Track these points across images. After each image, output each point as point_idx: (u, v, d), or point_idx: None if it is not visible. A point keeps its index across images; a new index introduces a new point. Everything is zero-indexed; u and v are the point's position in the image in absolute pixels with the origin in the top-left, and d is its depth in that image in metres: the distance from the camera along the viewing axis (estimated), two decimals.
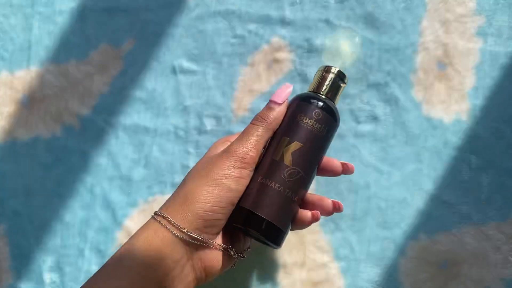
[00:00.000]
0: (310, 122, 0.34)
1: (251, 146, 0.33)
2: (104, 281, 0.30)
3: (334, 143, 0.42)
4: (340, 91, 0.37)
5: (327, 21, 0.43)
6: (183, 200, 0.32)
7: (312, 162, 0.34)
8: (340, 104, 0.42)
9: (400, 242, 0.41)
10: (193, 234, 0.31)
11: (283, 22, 0.43)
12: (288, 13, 0.43)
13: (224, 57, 0.43)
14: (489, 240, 0.41)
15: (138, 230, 0.32)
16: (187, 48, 0.43)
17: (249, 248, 0.36)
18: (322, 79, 0.36)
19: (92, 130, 0.44)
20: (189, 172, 0.34)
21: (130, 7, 0.44)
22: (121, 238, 0.43)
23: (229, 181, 0.32)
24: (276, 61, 0.43)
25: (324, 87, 0.36)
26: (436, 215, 0.41)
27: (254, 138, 0.33)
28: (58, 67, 0.44)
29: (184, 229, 0.31)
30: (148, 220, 0.33)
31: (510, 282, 0.40)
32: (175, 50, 0.44)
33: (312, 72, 0.43)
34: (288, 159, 0.33)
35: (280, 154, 0.33)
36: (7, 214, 0.44)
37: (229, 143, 0.34)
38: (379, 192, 0.42)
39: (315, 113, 0.34)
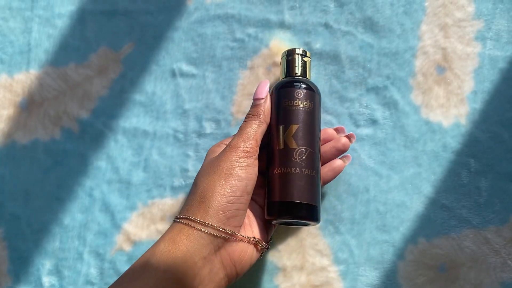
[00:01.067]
0: (296, 103, 0.36)
1: (250, 137, 0.35)
2: (131, 282, 0.30)
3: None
4: (308, 66, 0.39)
5: (327, 25, 0.43)
6: (200, 199, 0.33)
7: (313, 135, 0.36)
8: (339, 108, 0.42)
9: (399, 245, 0.41)
10: (218, 227, 0.32)
11: (283, 26, 0.43)
12: (288, 17, 0.43)
13: (224, 60, 0.43)
14: (488, 244, 0.41)
15: (164, 233, 0.33)
16: (186, 52, 0.43)
17: (271, 239, 0.38)
18: (288, 63, 0.39)
19: (91, 134, 0.44)
20: (196, 176, 0.35)
21: (129, 11, 0.44)
22: (120, 241, 0.43)
23: (237, 170, 0.33)
24: (276, 65, 0.43)
25: (294, 68, 0.38)
26: (435, 219, 0.41)
27: (252, 130, 0.35)
28: (57, 70, 0.44)
29: (208, 223, 0.32)
30: (171, 225, 0.33)
31: (509, 285, 0.40)
32: (174, 53, 0.44)
33: (312, 76, 0.43)
34: (291, 142, 0.36)
35: (283, 142, 0.36)
36: (6, 217, 0.44)
37: (225, 146, 0.36)
38: (378, 196, 0.42)
39: (296, 94, 0.36)
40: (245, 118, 0.37)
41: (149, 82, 0.44)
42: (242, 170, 0.34)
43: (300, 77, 0.38)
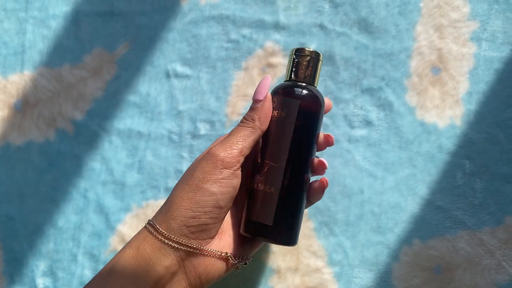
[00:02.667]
0: (273, 113, 0.33)
1: (233, 146, 0.32)
2: (100, 285, 0.30)
3: (328, 148, 0.42)
4: (303, 68, 0.34)
5: (322, 26, 0.42)
6: (168, 207, 0.32)
7: (279, 150, 0.32)
8: (334, 109, 0.42)
9: (394, 247, 0.41)
10: (180, 240, 0.31)
11: (277, 27, 0.43)
12: (282, 18, 0.43)
13: (218, 61, 0.43)
14: (483, 245, 0.41)
15: (131, 239, 0.33)
16: (181, 53, 0.43)
17: (251, 257, 0.35)
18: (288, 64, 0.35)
19: (85, 135, 0.44)
20: (180, 178, 0.34)
21: (124, 12, 0.44)
22: (114, 243, 0.43)
23: (209, 184, 0.31)
24: (270, 65, 0.43)
25: (287, 72, 0.35)
26: (430, 220, 0.41)
27: (237, 138, 0.32)
28: (52, 71, 0.44)
29: (170, 236, 0.31)
30: (140, 230, 0.33)
31: (503, 287, 0.40)
32: (169, 54, 0.43)
33: None
34: (257, 155, 0.34)
35: (259, 155, 0.34)
36: (1, 219, 0.44)
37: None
38: (373, 197, 0.42)
39: (272, 101, 0.33)
40: (241, 120, 0.34)
41: (143, 83, 0.44)
42: (215, 185, 0.31)
43: (289, 82, 0.34)
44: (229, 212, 0.35)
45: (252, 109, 0.33)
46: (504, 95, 0.41)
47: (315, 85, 0.35)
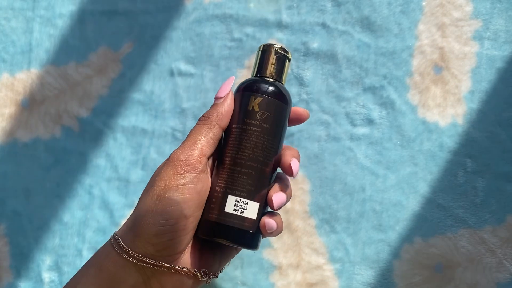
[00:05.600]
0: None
1: (193, 147, 0.30)
2: None
3: (330, 146, 0.42)
4: (284, 68, 0.33)
5: (324, 25, 0.43)
6: (132, 223, 0.29)
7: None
8: (336, 107, 0.43)
9: (395, 245, 0.41)
10: (145, 259, 0.28)
11: (280, 25, 0.43)
12: (285, 17, 0.43)
13: (221, 60, 0.44)
14: (484, 244, 0.41)
15: (94, 254, 0.30)
16: (184, 51, 0.44)
17: (221, 270, 0.33)
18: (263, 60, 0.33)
19: (91, 132, 0.44)
20: (145, 187, 0.31)
21: (128, 11, 0.44)
22: None
23: (171, 192, 0.28)
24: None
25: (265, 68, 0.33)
26: (431, 218, 0.41)
27: (197, 138, 0.30)
28: (58, 70, 0.45)
29: (134, 253, 0.28)
30: (105, 243, 0.31)
31: (504, 285, 0.40)
32: (173, 53, 0.44)
33: (309, 76, 0.43)
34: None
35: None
36: (7, 214, 0.44)
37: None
38: (374, 195, 0.42)
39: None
40: (198, 120, 0.32)
41: (148, 81, 0.44)
42: (178, 192, 0.28)
43: (264, 77, 0.33)
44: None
45: (211, 106, 0.32)
46: (506, 94, 0.41)
47: (283, 82, 0.34)
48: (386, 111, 0.42)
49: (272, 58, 0.33)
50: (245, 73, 0.43)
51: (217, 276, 0.32)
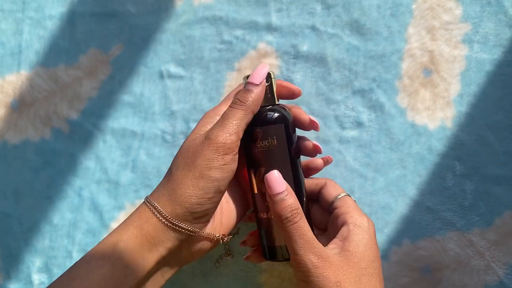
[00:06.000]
0: (259, 143, 0.34)
1: (231, 131, 0.32)
2: (99, 260, 0.31)
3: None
4: (272, 86, 0.36)
5: (313, 28, 0.43)
6: (170, 192, 0.32)
7: (283, 175, 0.34)
8: (325, 110, 0.43)
9: (383, 247, 0.41)
10: (184, 225, 0.32)
11: (270, 28, 0.43)
12: (275, 19, 0.43)
13: (211, 62, 0.44)
14: (472, 247, 0.41)
15: (132, 216, 0.33)
16: (174, 54, 0.44)
17: (236, 232, 0.38)
18: None
19: (80, 134, 0.44)
20: (173, 161, 0.34)
21: (118, 13, 0.44)
22: None
23: (213, 171, 0.32)
24: None
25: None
26: (420, 221, 0.41)
27: (234, 122, 0.33)
28: (48, 71, 0.45)
29: (173, 221, 0.32)
30: (140, 207, 0.33)
31: None
32: (162, 55, 0.44)
33: (299, 78, 0.43)
34: (262, 186, 0.34)
35: (254, 187, 0.35)
36: None
37: (217, 118, 0.34)
38: (363, 198, 0.42)
39: (257, 133, 0.34)
40: (232, 102, 0.34)
41: (137, 83, 0.44)
42: (218, 171, 0.32)
43: (263, 110, 0.35)
44: None
45: (246, 90, 0.34)
46: (495, 97, 0.41)
47: (277, 102, 0.36)
48: (375, 114, 0.42)
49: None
50: (235, 76, 0.44)
51: (229, 239, 0.36)
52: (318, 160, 0.37)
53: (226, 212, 0.36)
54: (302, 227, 0.32)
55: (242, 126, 0.33)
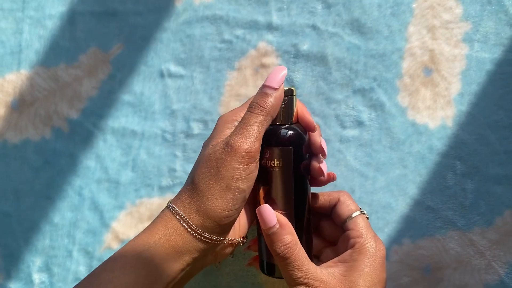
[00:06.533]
0: (266, 163, 0.34)
1: (253, 138, 0.32)
2: (123, 268, 0.31)
3: None
4: (287, 107, 0.34)
5: (314, 27, 0.43)
6: (198, 204, 0.32)
7: (285, 197, 0.34)
8: (326, 109, 0.43)
9: (385, 249, 0.41)
10: (212, 236, 0.32)
11: (270, 27, 0.43)
12: (275, 19, 0.43)
13: (212, 61, 0.44)
14: (473, 246, 0.41)
15: (157, 224, 0.33)
16: (175, 53, 0.44)
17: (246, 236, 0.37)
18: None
19: (80, 133, 0.44)
20: (195, 170, 0.33)
21: (118, 12, 0.44)
22: (108, 240, 0.43)
23: (239, 183, 0.32)
24: (263, 66, 0.43)
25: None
26: (420, 220, 0.41)
27: (256, 129, 0.32)
28: (48, 71, 0.45)
29: (202, 233, 0.32)
30: (165, 215, 0.33)
31: (493, 287, 0.40)
32: (163, 54, 0.44)
33: (299, 77, 0.43)
34: (266, 200, 0.35)
35: (258, 204, 0.35)
36: None
37: (236, 124, 0.34)
38: (364, 197, 0.42)
39: (265, 152, 0.34)
40: (251, 106, 0.33)
41: (137, 82, 0.44)
42: (244, 182, 0.32)
43: (273, 126, 0.34)
44: None
45: (265, 94, 0.32)
46: (496, 97, 0.41)
47: (293, 120, 0.35)
48: (375, 113, 0.42)
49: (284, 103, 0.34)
50: (235, 75, 0.43)
51: (246, 240, 0.36)
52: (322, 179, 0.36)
53: (243, 215, 0.36)
54: (295, 261, 0.32)
55: (262, 132, 0.33)
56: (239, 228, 0.35)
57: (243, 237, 0.35)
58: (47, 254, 0.44)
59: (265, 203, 0.34)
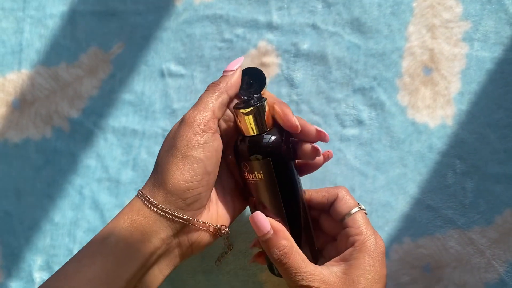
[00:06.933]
0: (247, 175, 0.34)
1: (205, 109, 0.32)
2: (89, 257, 0.31)
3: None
4: (258, 117, 0.33)
5: (314, 26, 0.43)
6: (159, 181, 0.32)
7: (273, 205, 0.34)
8: (326, 108, 0.43)
9: (384, 245, 0.41)
10: (176, 213, 0.32)
11: (270, 26, 0.43)
12: (276, 18, 0.43)
13: (212, 61, 0.44)
14: (473, 245, 0.41)
15: (123, 209, 0.33)
16: (175, 52, 0.44)
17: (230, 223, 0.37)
18: (237, 118, 0.34)
19: (81, 133, 0.44)
20: (159, 152, 0.34)
21: (119, 11, 0.44)
22: None
23: (194, 151, 0.32)
24: (263, 65, 0.43)
25: (244, 127, 0.34)
26: (420, 219, 0.42)
27: (208, 100, 0.33)
28: (49, 70, 0.45)
29: (165, 209, 0.31)
30: (132, 200, 0.33)
31: (493, 286, 0.40)
32: (163, 53, 0.44)
33: (299, 77, 0.43)
34: (258, 207, 0.35)
35: (252, 209, 0.35)
36: None
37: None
38: (364, 196, 0.42)
39: (244, 166, 0.34)
40: (207, 88, 0.34)
41: (138, 82, 0.44)
42: (200, 150, 0.32)
43: (248, 138, 0.34)
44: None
45: (221, 77, 0.35)
46: (496, 96, 0.41)
47: (270, 127, 0.34)
48: (375, 112, 0.42)
49: (242, 119, 0.33)
50: None
51: (228, 232, 0.35)
52: (320, 160, 0.37)
53: (223, 204, 0.35)
54: (292, 265, 0.32)
55: (217, 105, 0.33)
56: (217, 215, 0.35)
57: (223, 225, 0.34)
58: (48, 253, 0.44)
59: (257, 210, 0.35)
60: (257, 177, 0.33)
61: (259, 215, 0.33)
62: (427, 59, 0.42)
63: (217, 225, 0.34)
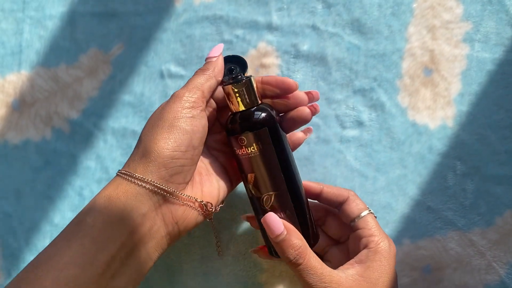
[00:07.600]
0: (244, 151, 0.34)
1: (195, 88, 0.33)
2: (66, 240, 0.29)
3: (320, 148, 0.42)
4: (247, 90, 0.34)
5: (314, 27, 0.43)
6: (142, 153, 0.31)
7: (274, 175, 0.34)
8: (326, 109, 0.43)
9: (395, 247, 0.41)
10: (158, 183, 0.30)
11: (270, 27, 0.43)
12: (275, 19, 0.43)
13: None
14: (473, 246, 0.41)
15: (101, 189, 0.31)
16: (175, 53, 0.44)
17: (223, 202, 0.36)
18: (228, 97, 0.34)
19: (81, 134, 0.44)
20: (142, 130, 0.33)
21: (119, 12, 0.44)
22: None
23: (181, 122, 0.31)
24: (263, 66, 0.43)
25: (233, 105, 0.34)
26: (420, 221, 0.41)
27: (198, 82, 0.33)
28: (48, 71, 0.45)
29: (146, 179, 0.30)
30: (112, 179, 0.32)
31: (493, 287, 0.40)
32: (163, 54, 0.44)
33: (299, 78, 0.43)
34: (256, 191, 0.34)
35: (249, 191, 0.35)
36: None
37: None
38: (364, 197, 0.42)
39: (240, 141, 0.34)
40: (194, 73, 0.35)
41: (138, 83, 0.44)
42: (187, 122, 0.31)
43: (241, 115, 0.34)
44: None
45: (206, 63, 0.35)
46: (496, 96, 0.41)
47: (260, 101, 0.35)
48: (375, 113, 0.42)
49: (230, 93, 0.34)
50: None
51: (217, 210, 0.34)
52: (305, 109, 0.36)
53: (207, 183, 0.34)
54: (308, 265, 0.32)
55: (206, 87, 0.34)
56: (202, 193, 0.33)
57: (209, 203, 0.33)
58: None
59: (256, 189, 0.34)
60: (255, 149, 0.33)
61: (272, 215, 0.33)
62: (427, 60, 0.42)
63: (202, 201, 0.33)
